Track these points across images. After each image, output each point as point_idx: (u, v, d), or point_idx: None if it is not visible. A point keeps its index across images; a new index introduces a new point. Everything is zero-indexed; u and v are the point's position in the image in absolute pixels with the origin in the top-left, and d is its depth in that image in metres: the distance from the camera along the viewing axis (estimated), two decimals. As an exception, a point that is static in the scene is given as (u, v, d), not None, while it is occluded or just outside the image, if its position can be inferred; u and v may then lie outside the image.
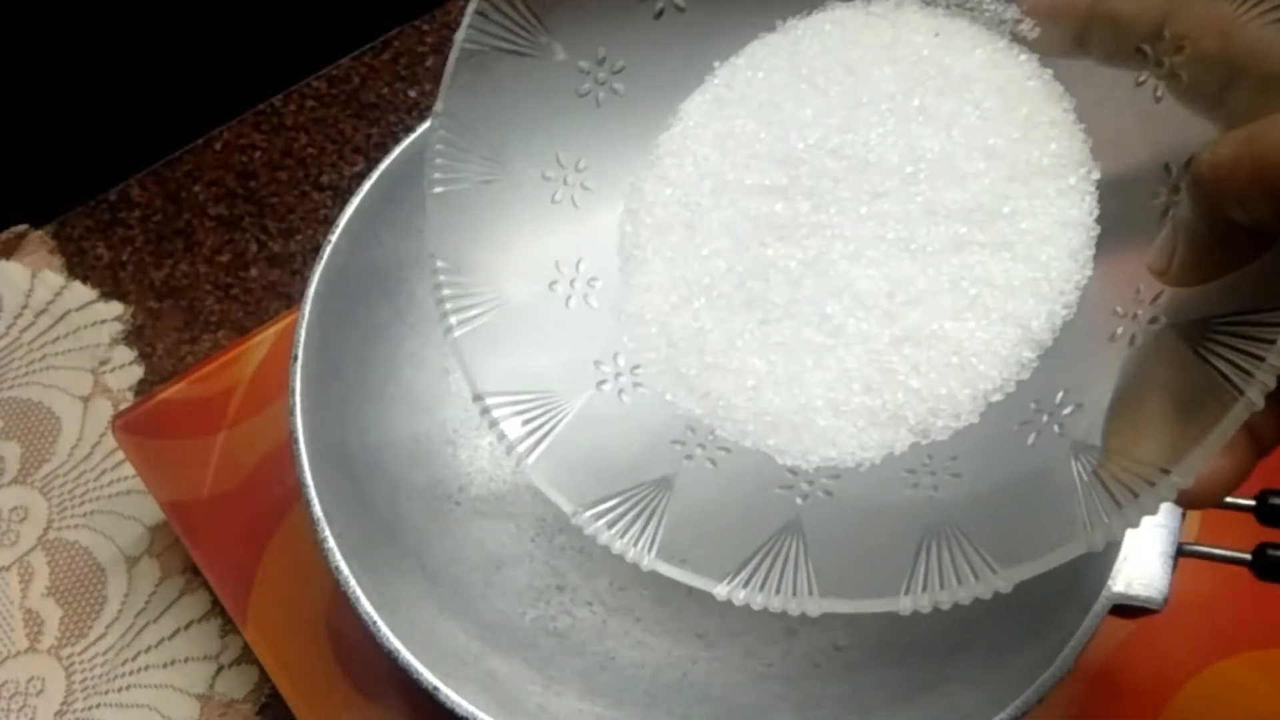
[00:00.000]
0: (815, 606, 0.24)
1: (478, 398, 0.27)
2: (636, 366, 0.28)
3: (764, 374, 0.26)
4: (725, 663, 0.36)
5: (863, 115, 0.26)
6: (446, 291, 0.27)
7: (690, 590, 0.37)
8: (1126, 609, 0.31)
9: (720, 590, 0.24)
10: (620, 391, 0.28)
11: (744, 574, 0.24)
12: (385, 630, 0.31)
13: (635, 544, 0.26)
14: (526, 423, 0.27)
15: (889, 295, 0.25)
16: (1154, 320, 0.23)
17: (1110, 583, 0.31)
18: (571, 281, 0.29)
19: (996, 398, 0.25)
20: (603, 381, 0.28)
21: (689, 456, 0.27)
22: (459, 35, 0.28)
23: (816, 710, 0.34)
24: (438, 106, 0.27)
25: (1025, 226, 0.24)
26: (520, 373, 0.27)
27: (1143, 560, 0.31)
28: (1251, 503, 0.32)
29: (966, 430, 0.25)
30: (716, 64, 0.28)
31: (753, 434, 0.26)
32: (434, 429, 0.39)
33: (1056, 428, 0.24)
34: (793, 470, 0.26)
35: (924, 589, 0.23)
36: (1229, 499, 0.33)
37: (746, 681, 0.36)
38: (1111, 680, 0.38)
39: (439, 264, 0.27)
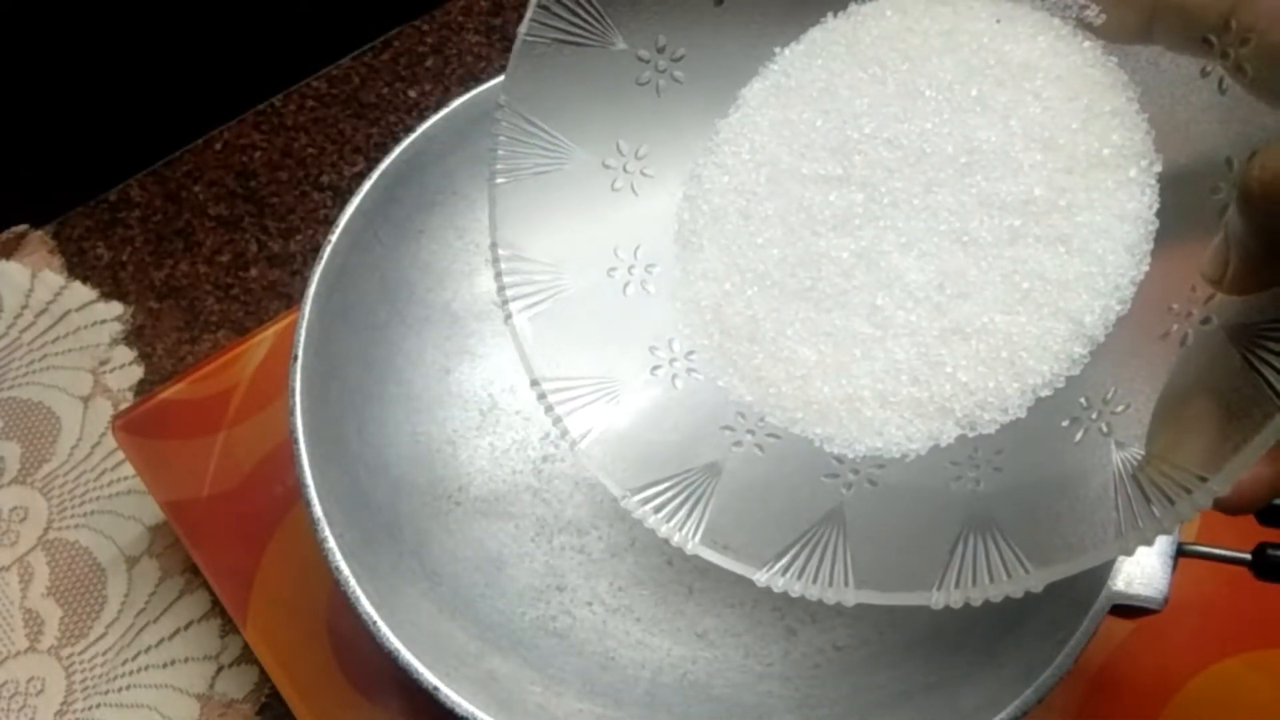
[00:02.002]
0: (851, 597, 0.24)
1: (534, 383, 0.27)
2: (691, 353, 0.28)
3: (813, 363, 0.26)
4: (725, 663, 0.36)
5: (919, 105, 0.26)
6: (508, 279, 0.28)
7: (690, 590, 0.37)
8: (1126, 609, 0.31)
9: (760, 577, 0.25)
10: (674, 377, 0.28)
11: (784, 561, 0.25)
12: (385, 630, 0.31)
13: (680, 529, 0.26)
14: (580, 408, 0.27)
15: (939, 287, 0.25)
16: (1206, 321, 0.23)
17: (1110, 582, 0.31)
18: (630, 268, 0.29)
19: (1045, 393, 0.24)
20: (657, 367, 0.28)
21: (737, 443, 0.27)
22: (521, 27, 0.28)
23: (816, 710, 0.34)
24: (501, 98, 0.28)
25: (1082, 220, 0.24)
26: (576, 358, 0.28)
27: (1143, 560, 0.31)
28: (1251, 503, 0.32)
29: (1013, 425, 0.25)
30: (777, 50, 0.28)
31: (801, 421, 0.26)
32: (434, 429, 0.39)
33: (1103, 427, 0.24)
34: (839, 459, 0.26)
35: (957, 585, 0.23)
36: (1229, 499, 0.33)
37: (746, 681, 0.36)
38: (1111, 680, 0.38)
39: (501, 252, 0.28)
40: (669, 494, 0.27)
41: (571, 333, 0.28)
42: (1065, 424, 0.25)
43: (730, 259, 0.27)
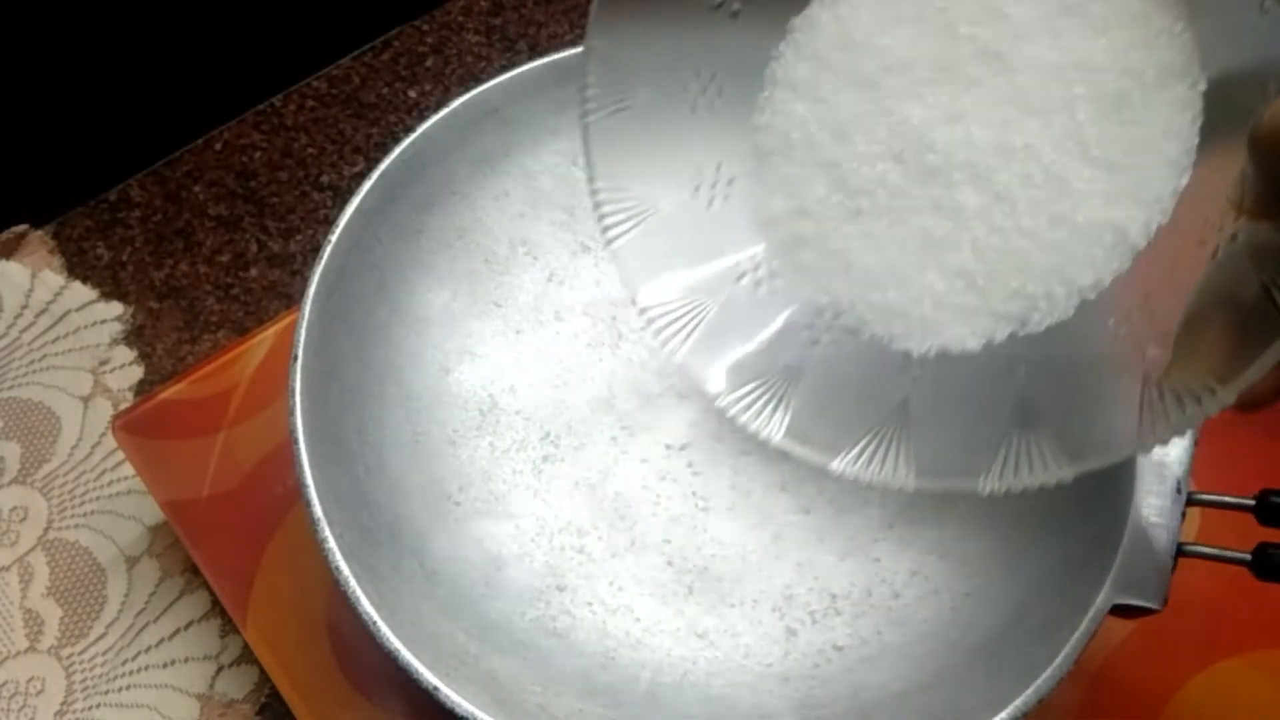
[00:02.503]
0: (912, 483, 0.27)
1: (641, 310, 0.30)
2: (772, 261, 0.30)
3: (882, 270, 0.28)
4: (725, 663, 0.36)
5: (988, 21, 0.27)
6: (606, 209, 0.30)
7: (690, 590, 0.37)
8: (1126, 609, 0.31)
9: (835, 465, 0.27)
10: (757, 285, 0.30)
11: (854, 451, 0.28)
12: (385, 630, 0.31)
13: (766, 425, 0.29)
14: (676, 320, 0.30)
15: (996, 202, 0.26)
16: (1234, 237, 0.24)
17: (1110, 583, 0.31)
18: (713, 185, 0.31)
19: (1090, 296, 0.26)
20: (741, 276, 0.30)
21: (814, 343, 0.29)
22: None
23: (816, 710, 0.34)
24: (587, 42, 0.29)
25: (1130, 135, 0.26)
26: (670, 276, 0.30)
27: (1142, 560, 0.31)
28: (1251, 503, 0.32)
29: (1059, 325, 0.27)
30: None
31: (872, 322, 0.28)
32: (434, 429, 0.39)
33: (1136, 330, 0.26)
34: (905, 355, 0.28)
35: (1000, 476, 0.26)
36: (1229, 499, 0.33)
37: (746, 681, 0.36)
38: (1111, 680, 0.38)
39: (598, 184, 0.30)
40: (755, 394, 0.29)
41: (664, 251, 0.30)
42: (1105, 325, 0.27)
43: (800, 171, 0.29)
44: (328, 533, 0.32)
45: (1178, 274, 0.25)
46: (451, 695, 0.30)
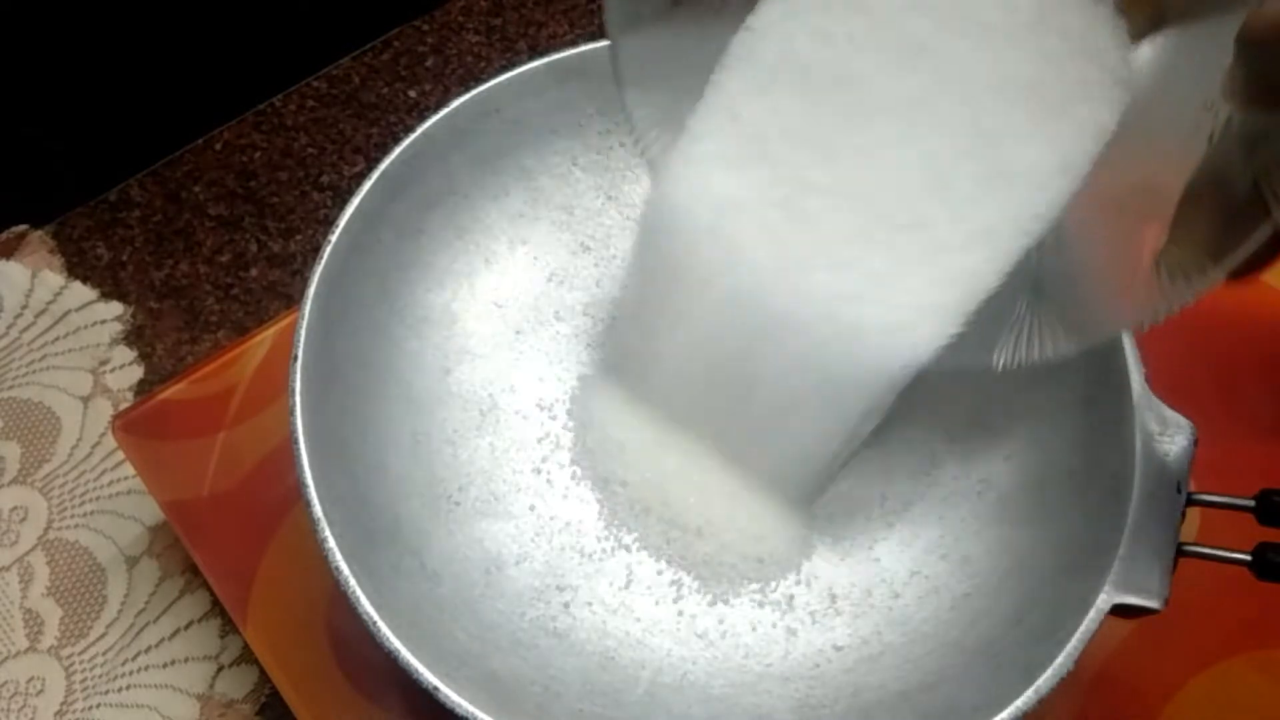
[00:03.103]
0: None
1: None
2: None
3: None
4: (725, 663, 0.36)
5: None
6: (637, 114, 0.32)
7: (690, 590, 0.37)
8: (1126, 609, 0.31)
9: None
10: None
11: None
12: (385, 630, 0.31)
13: None
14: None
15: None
16: (1228, 121, 0.25)
17: (1110, 583, 0.31)
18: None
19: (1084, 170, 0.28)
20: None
21: None
22: None
23: (816, 710, 0.34)
24: None
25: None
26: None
27: (1142, 560, 0.31)
28: (1251, 503, 0.32)
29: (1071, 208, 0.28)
30: None
31: None
32: (434, 429, 0.39)
33: (1137, 211, 0.28)
34: None
35: (1012, 352, 0.29)
36: (1229, 499, 0.33)
37: (746, 681, 0.36)
38: (1111, 680, 0.38)
39: (629, 96, 0.31)
40: None
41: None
42: (1110, 204, 0.28)
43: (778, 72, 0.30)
44: (328, 533, 0.32)
45: (1177, 156, 0.26)
46: (451, 695, 0.30)
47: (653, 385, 0.37)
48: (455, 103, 0.39)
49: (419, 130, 0.38)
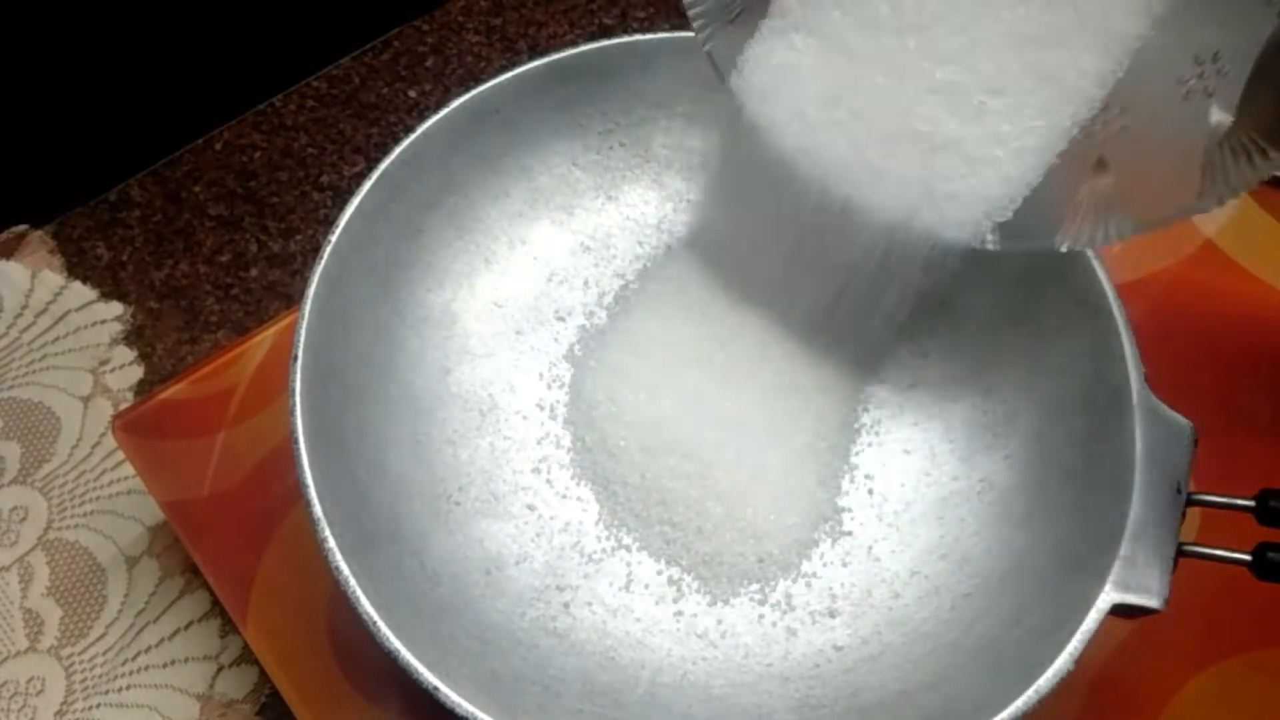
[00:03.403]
0: (997, 243, 0.31)
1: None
2: None
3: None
4: (725, 663, 0.36)
5: None
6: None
7: (690, 590, 0.37)
8: (1126, 609, 0.31)
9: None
10: None
11: None
12: (385, 630, 0.31)
13: None
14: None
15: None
16: None
17: (1110, 583, 0.31)
18: None
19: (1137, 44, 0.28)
20: None
21: None
22: None
23: (816, 710, 0.34)
24: None
25: None
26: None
27: (1142, 560, 0.31)
28: (1251, 503, 0.32)
29: (1130, 87, 0.29)
30: None
31: None
32: (434, 429, 0.39)
33: (1208, 87, 0.27)
34: None
35: (1076, 235, 0.29)
36: (1229, 499, 0.33)
37: (746, 681, 0.36)
38: (1111, 680, 0.38)
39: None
40: None
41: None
42: (1180, 81, 0.28)
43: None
44: (328, 533, 0.32)
45: (1244, 31, 0.26)
46: (451, 695, 0.30)
47: (732, 256, 0.39)
48: (455, 103, 0.39)
49: (419, 130, 0.38)
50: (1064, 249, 0.31)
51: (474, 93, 0.39)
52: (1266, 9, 0.26)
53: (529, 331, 0.42)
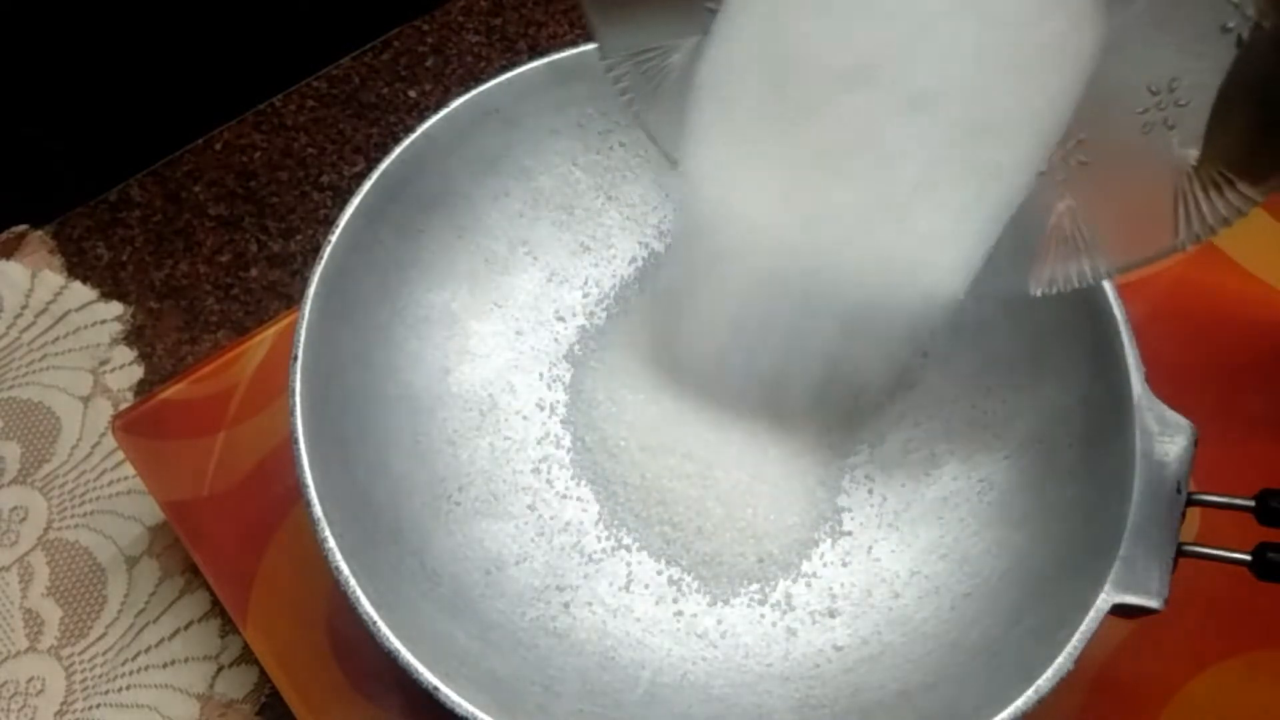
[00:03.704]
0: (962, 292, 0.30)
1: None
2: None
3: None
4: (725, 663, 0.36)
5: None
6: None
7: (690, 590, 0.37)
8: (1126, 609, 0.31)
9: None
10: None
11: None
12: (385, 630, 0.31)
13: None
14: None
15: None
16: (1258, 24, 0.24)
17: (1110, 583, 0.31)
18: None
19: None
20: None
21: None
22: None
23: (816, 710, 0.34)
24: None
25: None
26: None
27: (1142, 560, 0.31)
28: (1251, 503, 0.32)
29: (1091, 125, 0.28)
30: None
31: None
32: (434, 429, 0.39)
33: (1168, 119, 0.26)
34: None
35: (1050, 281, 0.29)
36: (1229, 499, 0.33)
37: (746, 681, 0.36)
38: (1111, 680, 0.38)
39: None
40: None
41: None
42: (1137, 113, 0.27)
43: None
44: (328, 533, 0.32)
45: (1204, 59, 0.25)
46: (451, 695, 0.30)
47: (691, 358, 0.38)
48: (455, 103, 0.39)
49: (419, 130, 0.38)
50: (1038, 293, 0.30)
51: (474, 93, 0.39)
52: (1224, 36, 0.25)
53: (529, 331, 0.42)
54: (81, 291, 0.50)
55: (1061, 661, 0.30)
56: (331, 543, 0.32)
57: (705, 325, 0.36)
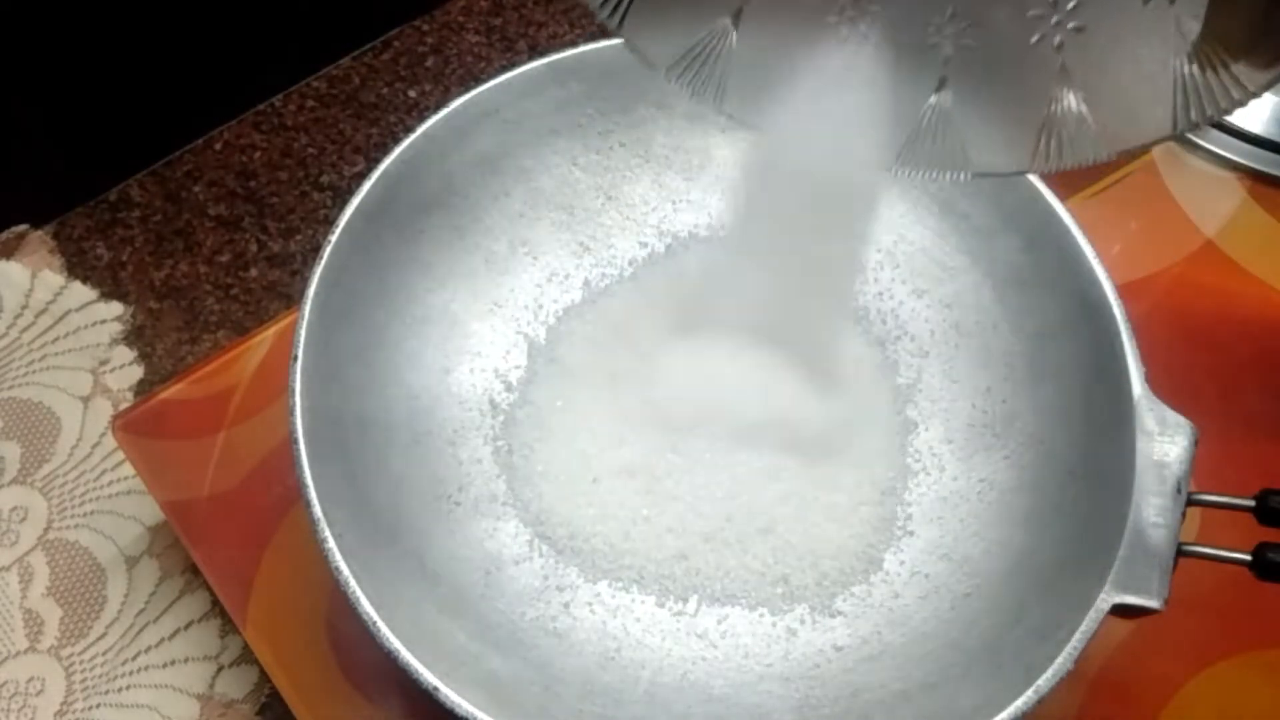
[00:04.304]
0: (968, 174, 0.29)
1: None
2: None
3: None
4: (725, 663, 0.36)
5: None
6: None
7: (690, 590, 0.37)
8: (1126, 609, 0.31)
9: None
10: None
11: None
12: (385, 630, 0.31)
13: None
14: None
15: None
16: None
17: (1110, 583, 0.31)
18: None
19: None
20: None
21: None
22: None
23: (816, 710, 0.34)
24: None
25: None
26: None
27: (1142, 560, 0.31)
28: (1251, 503, 0.32)
29: None
30: None
31: None
32: (434, 429, 0.39)
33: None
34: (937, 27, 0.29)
35: (1046, 157, 0.28)
36: (1229, 499, 0.33)
37: (746, 681, 0.36)
38: (1111, 680, 0.38)
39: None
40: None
41: None
42: None
43: None
44: (328, 533, 0.32)
45: None
46: (451, 695, 0.30)
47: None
48: (455, 103, 0.39)
49: (419, 130, 0.38)
50: (1035, 173, 0.30)
51: (474, 93, 0.39)
52: None
53: (529, 331, 0.42)
54: (81, 291, 0.50)
55: (1061, 661, 0.30)
56: (331, 543, 0.32)
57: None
